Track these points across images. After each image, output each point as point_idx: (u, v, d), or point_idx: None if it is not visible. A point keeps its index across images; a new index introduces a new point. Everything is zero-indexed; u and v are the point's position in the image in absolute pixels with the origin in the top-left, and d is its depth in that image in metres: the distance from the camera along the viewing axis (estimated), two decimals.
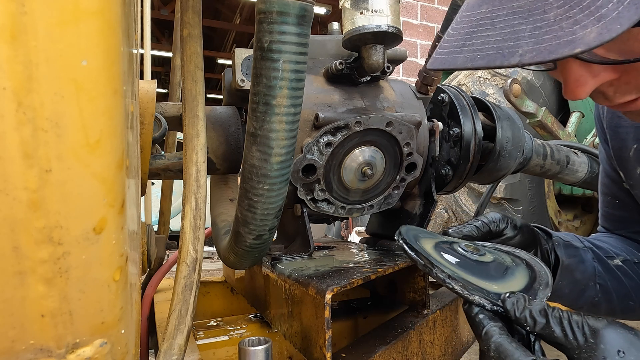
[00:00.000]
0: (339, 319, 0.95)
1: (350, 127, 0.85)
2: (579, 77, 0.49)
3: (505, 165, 1.08)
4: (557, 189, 2.32)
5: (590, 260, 0.75)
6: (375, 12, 0.80)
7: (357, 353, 0.73)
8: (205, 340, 0.99)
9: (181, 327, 0.58)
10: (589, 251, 0.76)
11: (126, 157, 0.36)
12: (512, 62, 0.39)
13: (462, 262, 0.55)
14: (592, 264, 0.75)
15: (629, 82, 0.50)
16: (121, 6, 0.33)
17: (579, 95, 0.50)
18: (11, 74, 0.28)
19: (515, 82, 1.83)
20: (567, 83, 0.50)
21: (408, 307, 0.93)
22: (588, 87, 0.49)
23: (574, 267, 0.72)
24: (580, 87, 0.49)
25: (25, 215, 0.30)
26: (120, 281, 0.36)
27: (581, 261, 0.73)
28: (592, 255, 0.76)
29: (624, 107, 0.54)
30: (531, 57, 0.38)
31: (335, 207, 0.94)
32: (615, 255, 0.78)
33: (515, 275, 0.56)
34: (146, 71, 2.22)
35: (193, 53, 0.69)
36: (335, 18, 7.62)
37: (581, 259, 0.74)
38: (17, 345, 0.33)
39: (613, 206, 0.88)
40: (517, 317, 0.47)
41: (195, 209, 0.64)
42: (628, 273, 0.78)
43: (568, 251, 0.72)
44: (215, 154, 0.96)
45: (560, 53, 0.38)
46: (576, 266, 0.72)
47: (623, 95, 0.51)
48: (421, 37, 4.52)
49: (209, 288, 1.38)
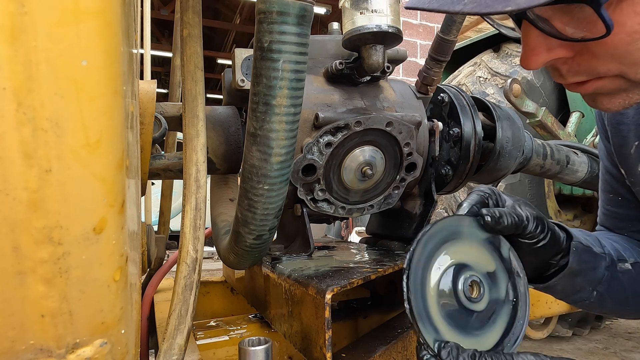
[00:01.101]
0: (339, 319, 0.95)
1: (350, 127, 0.85)
2: (534, 47, 0.51)
3: (505, 165, 1.08)
4: (557, 189, 2.32)
5: (603, 269, 0.72)
6: (375, 12, 0.80)
7: (357, 353, 0.73)
8: (205, 340, 0.99)
9: (181, 327, 0.58)
10: (606, 258, 0.73)
11: (126, 157, 0.36)
12: (456, 9, 0.44)
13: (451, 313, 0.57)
14: (603, 272, 0.72)
15: (580, 64, 0.52)
16: (121, 6, 0.33)
17: (531, 64, 0.52)
18: (11, 74, 0.28)
19: (515, 82, 1.83)
20: (524, 51, 0.52)
21: None
22: (541, 59, 0.52)
23: (581, 272, 0.69)
24: (534, 56, 0.52)
25: (25, 215, 0.30)
26: (120, 281, 0.36)
27: (592, 268, 0.71)
28: (609, 262, 0.73)
29: (576, 88, 0.56)
30: (471, 7, 0.44)
31: (335, 207, 0.94)
32: (626, 258, 0.76)
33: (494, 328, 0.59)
34: (146, 71, 2.22)
35: (193, 53, 0.69)
36: (335, 18, 7.62)
37: (594, 265, 0.71)
38: (17, 346, 0.33)
39: (616, 204, 0.87)
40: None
41: (195, 209, 0.64)
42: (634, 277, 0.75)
43: (583, 257, 0.69)
44: (215, 154, 0.96)
45: (494, 8, 0.42)
46: (583, 272, 0.70)
47: (574, 76, 0.54)
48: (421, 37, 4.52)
49: (209, 288, 1.38)
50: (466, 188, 2.35)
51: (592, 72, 0.52)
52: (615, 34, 0.46)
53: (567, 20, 0.49)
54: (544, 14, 0.50)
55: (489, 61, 2.47)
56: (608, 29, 0.44)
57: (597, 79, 0.53)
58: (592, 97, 0.57)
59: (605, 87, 0.54)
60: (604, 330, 2.76)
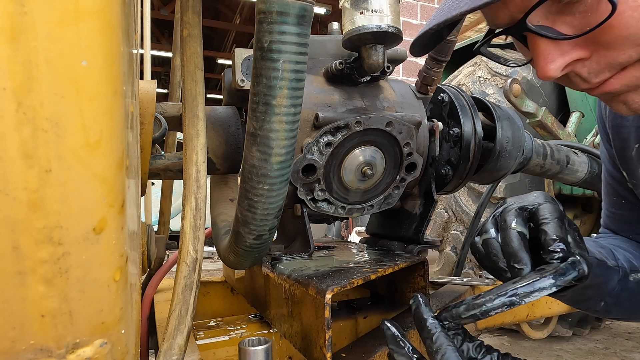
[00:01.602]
0: (339, 318, 0.95)
1: (350, 127, 0.85)
2: (547, 55, 0.51)
3: (505, 165, 1.08)
4: (557, 189, 2.32)
5: (615, 282, 0.69)
6: (375, 12, 0.80)
7: (357, 353, 0.73)
8: (205, 340, 0.99)
9: (181, 327, 0.58)
10: (619, 271, 0.70)
11: (126, 157, 0.36)
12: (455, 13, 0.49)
13: None
14: (615, 285, 0.70)
15: (599, 61, 0.51)
16: (121, 6, 0.33)
17: (550, 72, 0.51)
18: (11, 74, 0.28)
19: (515, 82, 1.82)
20: (538, 61, 0.52)
21: (408, 307, 0.93)
22: (557, 64, 0.51)
23: (593, 285, 0.67)
24: (549, 63, 0.51)
25: (25, 215, 0.30)
26: (120, 281, 0.36)
27: (605, 282, 0.68)
28: (621, 275, 0.70)
29: (603, 89, 0.54)
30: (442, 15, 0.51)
31: (335, 207, 0.94)
32: (638, 268, 0.74)
33: None
34: (146, 71, 2.22)
35: (193, 53, 0.69)
36: (335, 18, 7.62)
37: (607, 279, 0.68)
38: (17, 346, 0.33)
39: (620, 206, 0.86)
40: None
41: (195, 209, 0.64)
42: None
43: (597, 270, 0.66)
44: (215, 154, 0.96)
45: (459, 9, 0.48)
46: (596, 285, 0.68)
47: (597, 75, 0.52)
48: None
49: (209, 288, 1.38)
50: (466, 188, 2.36)
51: (614, 64, 0.51)
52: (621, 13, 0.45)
53: (570, 19, 0.49)
54: (545, 22, 0.50)
55: (489, 61, 2.47)
56: (613, 4, 0.44)
57: (621, 71, 0.52)
58: (624, 99, 0.55)
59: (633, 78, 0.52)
60: (604, 330, 2.76)
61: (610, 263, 0.69)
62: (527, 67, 2.28)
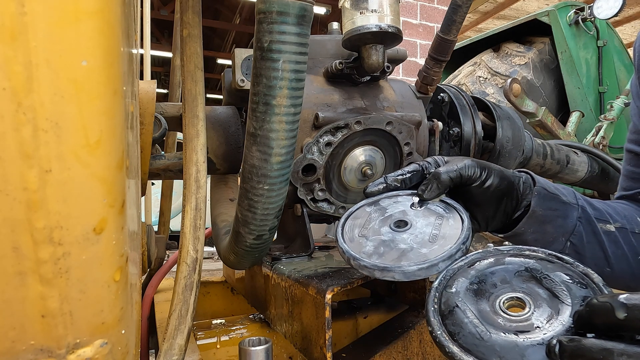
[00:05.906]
0: (339, 318, 0.95)
1: (350, 127, 0.85)
2: None
3: (505, 165, 1.08)
4: None
5: (575, 219, 0.69)
6: (375, 11, 0.80)
7: (358, 353, 0.73)
8: (206, 340, 0.99)
9: (181, 327, 0.58)
10: (578, 209, 0.70)
11: (126, 157, 0.36)
12: None
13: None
14: (575, 222, 0.69)
15: None
16: (121, 6, 0.33)
17: None
18: (11, 74, 0.28)
19: (515, 81, 1.82)
20: None
21: (408, 307, 0.93)
22: None
23: (548, 219, 0.67)
24: None
25: (26, 215, 0.30)
26: (120, 281, 0.36)
27: (561, 216, 0.68)
28: (581, 214, 0.70)
29: None
30: None
31: (335, 207, 0.94)
32: (610, 221, 0.72)
33: None
34: (146, 71, 2.22)
35: (193, 53, 0.69)
36: (335, 18, 7.62)
37: (564, 214, 0.69)
38: (17, 346, 0.33)
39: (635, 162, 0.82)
40: None
41: (195, 209, 0.64)
42: (617, 241, 0.72)
43: (549, 203, 0.67)
44: (215, 154, 0.96)
45: None
46: (551, 219, 0.67)
47: None
48: (421, 37, 4.51)
49: (209, 288, 1.38)
50: None
51: None
52: None
53: None
54: None
55: (488, 61, 2.47)
56: None
57: None
58: None
59: None
60: None
61: (564, 198, 0.69)
62: (527, 67, 2.28)
